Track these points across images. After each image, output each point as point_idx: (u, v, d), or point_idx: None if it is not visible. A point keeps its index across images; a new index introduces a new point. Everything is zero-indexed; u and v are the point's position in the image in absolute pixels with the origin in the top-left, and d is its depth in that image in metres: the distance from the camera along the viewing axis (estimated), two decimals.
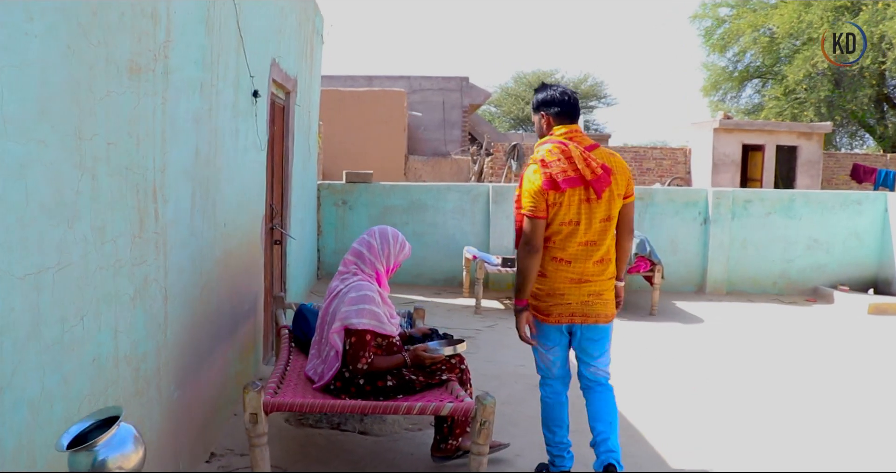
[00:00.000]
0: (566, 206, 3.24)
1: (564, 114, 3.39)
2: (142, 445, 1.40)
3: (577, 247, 3.28)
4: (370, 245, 3.54)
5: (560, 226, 3.26)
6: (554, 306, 3.34)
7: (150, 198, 2.73)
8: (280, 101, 5.80)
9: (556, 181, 3.20)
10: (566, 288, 3.31)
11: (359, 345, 3.29)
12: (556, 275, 3.31)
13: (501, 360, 5.83)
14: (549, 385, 3.56)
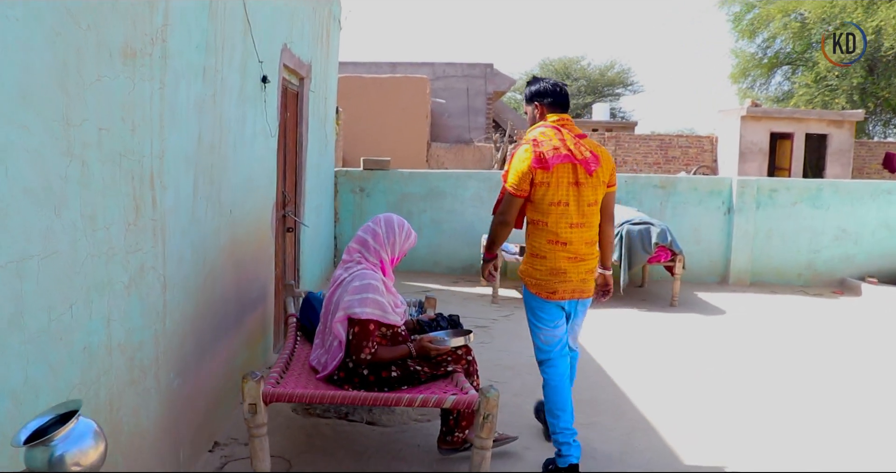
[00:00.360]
0: (554, 186, 3.37)
1: (557, 104, 3.59)
2: (103, 440, 1.35)
3: (569, 229, 3.42)
4: (375, 233, 3.48)
5: (549, 207, 3.39)
6: (558, 284, 3.46)
7: (148, 185, 2.69)
8: (293, 87, 5.75)
9: (545, 159, 3.35)
10: (567, 267, 3.45)
11: (362, 335, 3.23)
12: (555, 256, 3.44)
13: (516, 350, 5.76)
14: (552, 365, 3.61)
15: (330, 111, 7.87)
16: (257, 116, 4.31)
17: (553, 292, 3.47)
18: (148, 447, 2.78)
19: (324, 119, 7.31)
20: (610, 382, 5.04)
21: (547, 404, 3.60)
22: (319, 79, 6.78)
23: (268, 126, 4.55)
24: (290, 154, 5.80)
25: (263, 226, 4.64)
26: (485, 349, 5.77)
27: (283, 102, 5.33)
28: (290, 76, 5.53)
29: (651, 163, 17.22)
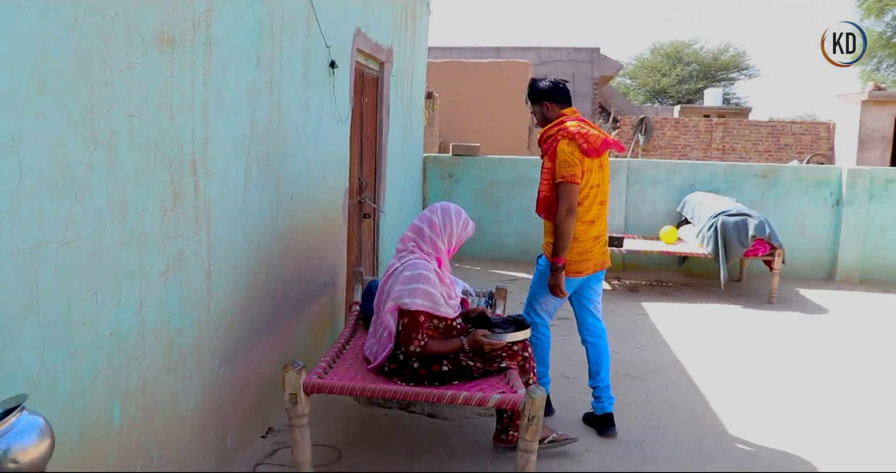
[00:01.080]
0: (594, 171, 3.68)
1: (564, 99, 3.87)
2: (48, 438, 1.31)
3: (597, 208, 3.78)
4: (431, 222, 3.38)
5: (589, 190, 3.70)
6: (585, 262, 3.79)
7: (188, 172, 2.70)
8: (372, 72, 5.71)
9: (593, 147, 3.63)
10: (591, 245, 3.80)
11: (411, 327, 3.15)
12: (585, 236, 3.76)
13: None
14: (545, 326, 4.03)
15: (417, 96, 7.81)
16: (324, 102, 4.28)
17: (580, 272, 3.79)
18: (187, 432, 2.81)
19: (409, 104, 7.26)
20: (688, 383, 4.75)
21: (538, 356, 3.94)
22: (403, 64, 6.73)
23: (337, 111, 4.52)
24: (369, 139, 5.78)
25: (333, 213, 4.63)
26: (563, 342, 5.57)
27: (359, 87, 5.30)
28: (367, 61, 5.49)
29: (761, 150, 16.19)
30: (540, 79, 3.95)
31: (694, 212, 7.46)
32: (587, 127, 3.74)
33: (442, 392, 2.93)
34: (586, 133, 3.65)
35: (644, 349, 5.48)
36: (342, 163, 4.79)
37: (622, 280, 7.96)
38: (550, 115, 3.83)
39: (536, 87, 3.87)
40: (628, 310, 6.65)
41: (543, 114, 3.86)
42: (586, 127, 3.73)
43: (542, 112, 3.85)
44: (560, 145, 3.65)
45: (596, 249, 3.82)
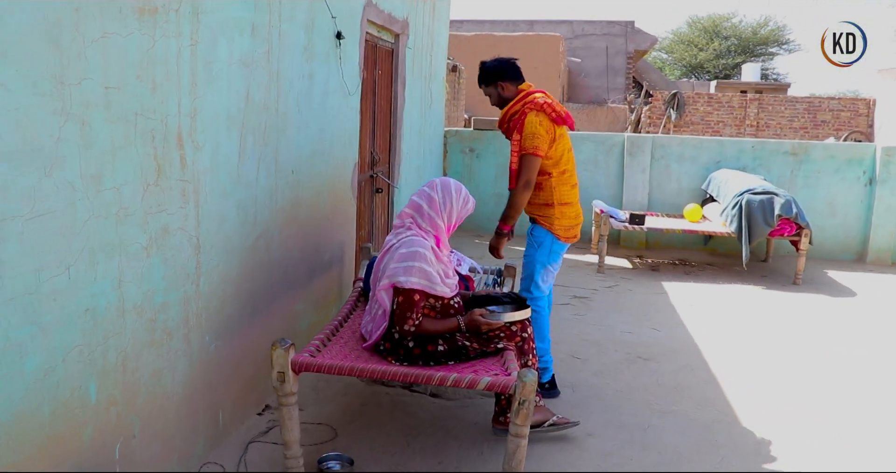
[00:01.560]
0: (565, 138, 3.82)
1: (518, 76, 3.90)
2: None
3: (574, 171, 3.95)
4: (431, 199, 3.28)
5: (568, 154, 3.84)
6: (576, 227, 3.97)
7: (174, 145, 2.64)
8: (386, 44, 5.60)
9: (560, 115, 3.73)
10: (579, 209, 4.00)
11: (406, 305, 3.07)
12: (574, 199, 3.93)
13: (609, 324, 5.43)
14: (543, 298, 4.03)
15: (438, 70, 7.68)
16: (330, 74, 4.19)
17: (574, 235, 3.96)
18: (174, 408, 2.78)
19: (428, 77, 7.13)
20: (702, 366, 4.62)
21: (538, 332, 3.94)
22: (421, 36, 6.59)
23: (345, 84, 4.43)
24: (382, 113, 5.68)
25: (340, 188, 4.56)
26: (577, 321, 5.48)
27: (371, 60, 5.19)
28: (379, 32, 5.37)
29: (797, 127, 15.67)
30: (487, 60, 3.97)
31: (719, 190, 7.24)
32: (550, 98, 3.83)
33: (431, 373, 2.85)
34: (552, 103, 3.77)
35: (659, 330, 5.35)
36: (351, 137, 4.70)
37: (644, 258, 7.80)
38: (507, 95, 3.87)
39: (488, 68, 3.90)
40: (647, 290, 6.51)
41: (500, 95, 3.89)
42: (549, 98, 3.83)
43: (498, 93, 3.88)
44: (528, 117, 3.71)
45: (580, 216, 3.99)
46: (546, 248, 3.92)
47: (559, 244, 3.92)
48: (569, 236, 3.92)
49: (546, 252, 3.92)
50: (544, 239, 3.91)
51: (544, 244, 3.91)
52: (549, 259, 3.94)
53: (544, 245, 3.91)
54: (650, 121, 14.35)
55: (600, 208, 7.27)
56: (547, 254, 3.93)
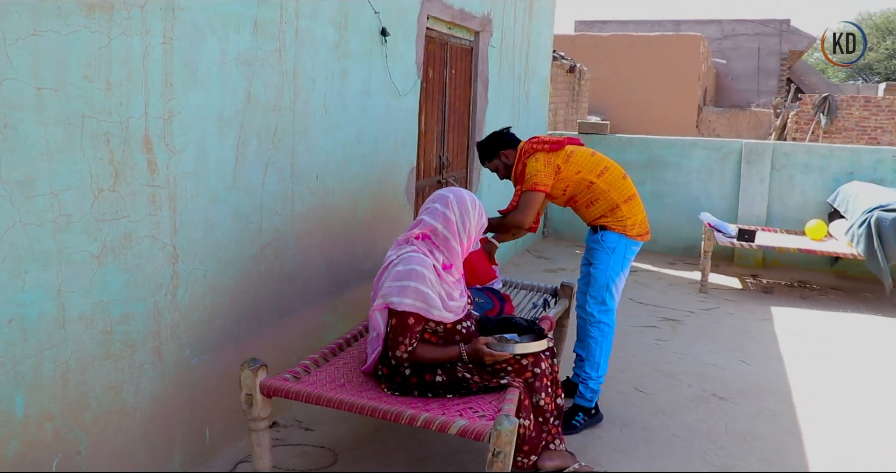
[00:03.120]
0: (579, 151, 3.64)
1: (512, 140, 3.81)
2: None
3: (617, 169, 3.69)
4: (447, 219, 2.87)
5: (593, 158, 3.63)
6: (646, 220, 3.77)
7: (139, 149, 2.50)
8: (460, 42, 5.30)
9: (552, 141, 3.63)
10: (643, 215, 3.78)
11: (399, 329, 2.77)
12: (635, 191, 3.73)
13: (693, 353, 4.84)
14: (614, 312, 3.74)
15: (537, 69, 7.28)
16: (373, 73, 3.96)
17: (647, 230, 3.71)
18: (137, 424, 2.65)
19: (523, 78, 6.76)
20: (787, 411, 3.97)
21: (606, 351, 3.73)
22: (512, 35, 6.24)
23: (393, 84, 4.18)
24: (457, 114, 5.40)
25: (389, 193, 4.33)
26: (657, 348, 4.94)
27: (439, 58, 4.93)
28: (451, 29, 5.09)
29: None
30: (481, 140, 3.93)
31: (847, 205, 6.33)
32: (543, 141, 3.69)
33: (401, 411, 2.53)
34: (538, 140, 3.65)
35: (750, 363, 4.70)
36: (405, 139, 4.46)
37: (758, 278, 6.99)
38: (511, 161, 3.77)
39: (485, 146, 3.82)
40: (751, 315, 5.79)
41: (505, 164, 3.79)
42: (537, 138, 3.71)
43: (504, 164, 3.79)
44: (529, 162, 3.61)
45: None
46: (620, 254, 3.65)
47: (632, 249, 3.69)
48: (642, 232, 3.68)
49: (620, 258, 3.66)
50: (617, 245, 3.64)
51: (618, 249, 3.65)
52: (622, 265, 3.68)
53: (618, 250, 3.65)
54: (797, 127, 12.97)
55: (707, 221, 6.58)
56: (621, 261, 3.67)
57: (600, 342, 3.69)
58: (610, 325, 3.71)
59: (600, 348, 3.69)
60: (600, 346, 3.69)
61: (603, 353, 3.70)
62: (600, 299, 3.68)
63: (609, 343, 3.72)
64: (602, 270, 3.66)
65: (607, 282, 3.66)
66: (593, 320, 3.71)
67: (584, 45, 14.76)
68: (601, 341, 3.69)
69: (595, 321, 3.70)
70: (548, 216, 8.20)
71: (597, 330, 3.69)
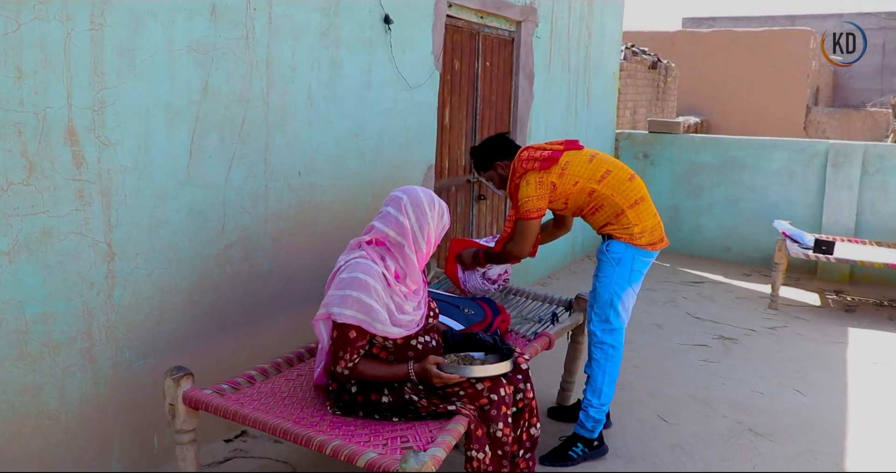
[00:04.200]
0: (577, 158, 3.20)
1: (511, 148, 3.37)
2: None
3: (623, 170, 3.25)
4: (401, 226, 2.54)
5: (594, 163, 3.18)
6: (660, 226, 3.31)
7: (60, 141, 2.37)
8: (496, 32, 4.98)
9: (545, 158, 3.18)
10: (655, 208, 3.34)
11: (339, 343, 2.51)
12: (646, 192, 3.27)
13: (741, 378, 4.33)
14: (622, 331, 3.34)
15: (601, 63, 6.82)
16: (374, 64, 3.72)
17: (661, 238, 3.27)
18: (62, 428, 2.52)
19: (580, 72, 6.34)
20: (834, 454, 3.44)
21: (609, 376, 3.33)
22: (565, 25, 5.84)
23: (401, 75, 3.93)
24: (493, 110, 5.08)
25: None
26: (701, 370, 4.45)
27: (469, 48, 4.63)
28: (484, 19, 4.77)
29: None
30: (476, 146, 3.48)
31: None
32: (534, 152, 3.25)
33: (311, 436, 2.26)
34: (529, 156, 3.22)
35: (805, 394, 4.14)
36: (420, 135, 4.19)
37: (842, 295, 6.25)
38: (506, 174, 3.35)
39: (478, 154, 3.43)
40: (822, 336, 5.15)
41: (500, 176, 3.39)
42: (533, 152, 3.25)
43: (500, 175, 3.39)
44: (521, 184, 3.20)
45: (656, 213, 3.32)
46: (626, 266, 3.22)
47: (642, 260, 3.24)
48: (654, 240, 3.23)
49: (626, 270, 3.22)
50: (624, 255, 3.21)
51: (624, 260, 3.21)
52: (630, 279, 3.24)
53: (624, 261, 3.21)
54: None
55: (782, 230, 5.93)
56: (628, 274, 3.23)
57: (603, 365, 3.29)
58: (615, 347, 3.29)
59: (603, 372, 3.29)
60: (603, 370, 3.29)
61: (606, 378, 3.29)
62: (604, 317, 3.28)
63: (614, 367, 3.31)
64: (605, 284, 3.26)
65: (611, 298, 3.25)
66: (596, 340, 3.33)
67: (684, 42, 13.95)
68: (604, 364, 3.29)
69: (597, 341, 3.31)
70: None
71: (599, 352, 3.30)
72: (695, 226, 7.25)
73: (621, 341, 3.32)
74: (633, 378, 4.25)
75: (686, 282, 6.47)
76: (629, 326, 5.15)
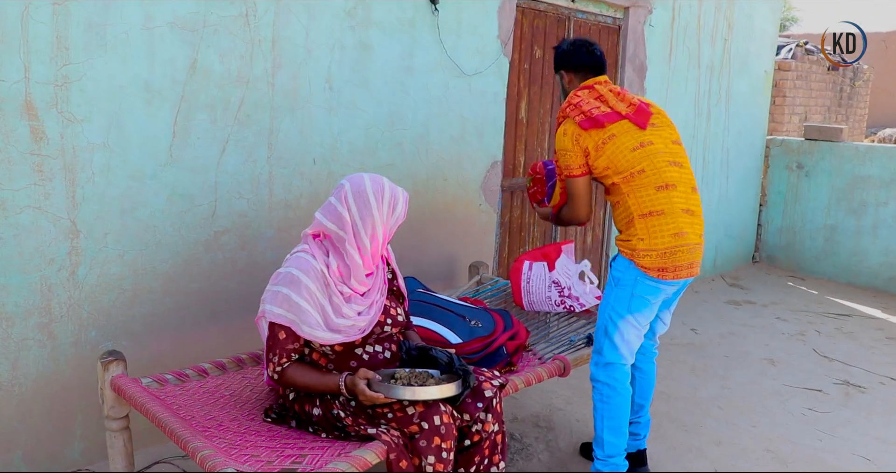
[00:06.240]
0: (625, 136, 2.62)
1: (585, 67, 2.80)
2: None
3: (669, 167, 2.62)
4: (340, 219, 2.26)
5: (632, 153, 2.60)
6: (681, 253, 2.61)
7: (16, 115, 2.37)
8: (596, 19, 4.51)
9: (590, 117, 2.63)
10: (683, 225, 2.60)
11: (269, 343, 2.29)
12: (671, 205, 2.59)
13: (847, 437, 3.57)
14: (623, 372, 2.75)
15: (748, 60, 6.01)
16: (419, 47, 3.46)
17: (676, 265, 2.59)
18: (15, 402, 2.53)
19: (715, 68, 5.61)
20: None
21: (610, 422, 2.75)
22: (697, 14, 5.20)
23: (453, 62, 3.62)
24: None
25: (451, 191, 3.79)
26: (798, 421, 3.74)
27: (554, 35, 4.22)
28: (579, 2, 4.32)
29: None
30: (565, 40, 2.93)
31: None
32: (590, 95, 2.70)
33: (188, 439, 2.04)
34: (578, 103, 2.67)
35: None
36: (481, 128, 3.88)
37: None
38: (568, 89, 2.85)
39: (555, 54, 2.90)
40: None
41: (563, 88, 2.89)
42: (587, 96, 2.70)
43: (563, 83, 2.88)
44: (558, 133, 2.74)
45: (692, 233, 2.62)
46: (626, 289, 2.66)
47: (648, 286, 2.63)
48: (664, 265, 2.58)
49: (626, 294, 2.66)
50: (624, 275, 2.66)
51: (623, 282, 2.66)
52: (630, 305, 2.66)
53: (623, 283, 2.66)
54: None
55: None
56: (627, 299, 2.66)
57: (599, 409, 2.76)
58: (611, 386, 2.73)
59: (600, 417, 2.75)
60: (600, 415, 2.75)
61: (605, 424, 2.74)
62: (597, 346, 2.77)
63: (612, 410, 2.74)
64: (602, 307, 2.76)
65: (605, 325, 2.73)
66: (591, 377, 2.81)
67: None
68: (600, 408, 2.75)
69: (592, 378, 2.80)
70: (761, 238, 6.79)
71: (595, 393, 2.78)
72: (854, 249, 6.19)
73: (621, 380, 2.74)
74: (705, 420, 3.64)
75: (827, 314, 5.52)
76: (728, 359, 4.49)
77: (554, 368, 2.84)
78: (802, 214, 6.42)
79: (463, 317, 2.99)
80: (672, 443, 3.39)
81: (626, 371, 2.76)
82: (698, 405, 3.83)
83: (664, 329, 2.97)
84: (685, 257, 2.62)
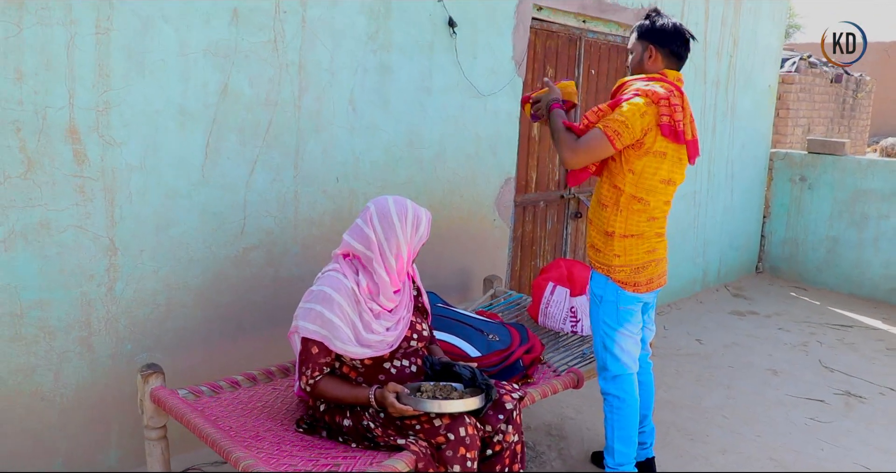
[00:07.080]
0: (670, 162, 2.71)
1: (677, 56, 2.80)
2: None
3: (663, 206, 2.81)
4: (367, 240, 2.42)
5: (659, 185, 2.72)
6: (653, 269, 2.83)
7: (60, 139, 2.49)
8: (606, 38, 4.64)
9: (671, 127, 2.65)
10: (657, 246, 2.84)
11: (303, 357, 2.43)
12: (650, 232, 2.79)
13: (848, 447, 3.69)
14: (629, 382, 2.89)
15: (752, 75, 6.14)
16: (437, 69, 3.59)
17: (648, 280, 2.80)
18: (56, 411, 2.65)
19: (721, 83, 5.74)
20: None
21: (620, 432, 2.89)
22: (704, 32, 5.33)
23: (469, 82, 3.75)
24: None
25: (466, 207, 3.92)
26: (801, 430, 3.86)
27: (566, 55, 4.35)
28: (586, 22, 4.45)
29: None
30: (664, 15, 2.83)
31: None
32: (682, 104, 2.69)
33: (230, 449, 2.16)
34: (675, 105, 2.65)
35: None
36: (494, 146, 4.00)
37: None
38: (647, 66, 2.79)
39: (649, 20, 2.81)
40: None
41: (641, 61, 2.81)
42: (680, 103, 2.68)
43: (642, 56, 2.81)
44: (633, 100, 2.64)
45: (661, 251, 2.86)
46: (611, 304, 2.82)
47: (627, 296, 2.80)
48: (639, 281, 2.79)
49: (612, 309, 2.83)
50: (605, 292, 2.84)
51: (606, 298, 2.84)
52: (619, 319, 2.83)
53: (606, 299, 2.84)
54: None
55: None
56: (615, 313, 2.82)
57: (610, 420, 2.91)
58: (620, 397, 2.89)
59: (611, 427, 2.90)
60: (611, 425, 2.90)
61: (616, 434, 2.89)
62: (601, 363, 2.92)
63: (623, 420, 2.89)
64: (594, 326, 2.93)
65: (602, 341, 2.89)
66: (602, 391, 2.96)
67: None
68: (611, 418, 2.91)
69: (603, 392, 2.95)
70: (765, 249, 6.91)
71: (606, 405, 2.93)
72: (855, 261, 6.32)
73: (629, 390, 2.90)
74: (710, 429, 3.77)
75: (829, 325, 5.64)
76: (732, 369, 4.61)
77: (569, 380, 2.97)
78: (805, 226, 6.54)
79: (481, 331, 3.11)
80: (678, 452, 3.51)
81: (632, 380, 2.91)
82: (703, 414, 3.95)
83: (652, 334, 3.11)
84: (655, 270, 2.83)
